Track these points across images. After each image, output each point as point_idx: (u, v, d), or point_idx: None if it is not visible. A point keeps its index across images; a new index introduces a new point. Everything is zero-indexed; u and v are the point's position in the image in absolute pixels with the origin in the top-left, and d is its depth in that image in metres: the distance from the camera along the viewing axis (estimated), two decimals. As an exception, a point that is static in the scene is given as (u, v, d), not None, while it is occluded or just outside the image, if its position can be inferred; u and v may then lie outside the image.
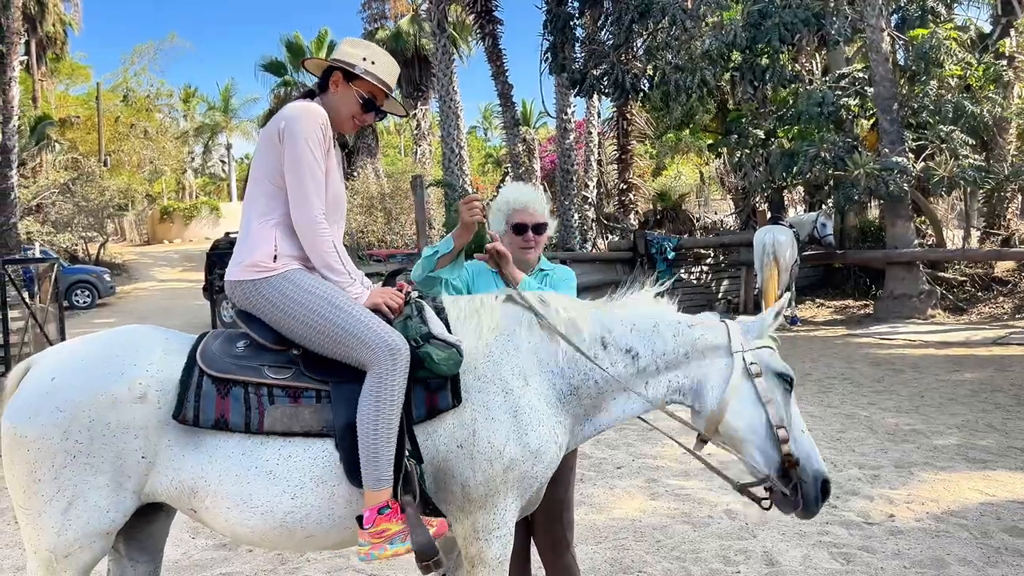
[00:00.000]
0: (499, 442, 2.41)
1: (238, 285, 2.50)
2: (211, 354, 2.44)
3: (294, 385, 2.42)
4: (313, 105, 2.56)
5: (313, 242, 2.47)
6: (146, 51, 42.56)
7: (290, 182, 2.48)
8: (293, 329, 2.44)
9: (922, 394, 7.95)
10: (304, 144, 2.46)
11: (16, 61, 22.31)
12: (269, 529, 2.38)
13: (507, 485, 2.44)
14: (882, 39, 13.81)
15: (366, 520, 2.31)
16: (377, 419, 2.30)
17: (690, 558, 4.19)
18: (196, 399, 2.34)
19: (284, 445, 2.38)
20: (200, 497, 2.36)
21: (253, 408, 2.37)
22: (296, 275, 2.47)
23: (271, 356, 2.47)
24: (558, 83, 18.76)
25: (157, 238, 40.55)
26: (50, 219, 28.51)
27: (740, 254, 16.00)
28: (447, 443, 2.43)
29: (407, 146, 44.61)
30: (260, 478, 2.35)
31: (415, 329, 2.44)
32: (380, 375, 2.33)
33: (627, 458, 6.11)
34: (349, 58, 2.63)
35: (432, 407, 2.42)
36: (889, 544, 4.27)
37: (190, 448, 2.35)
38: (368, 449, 2.31)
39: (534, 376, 2.52)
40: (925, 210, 15.47)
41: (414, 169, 27.59)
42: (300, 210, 2.46)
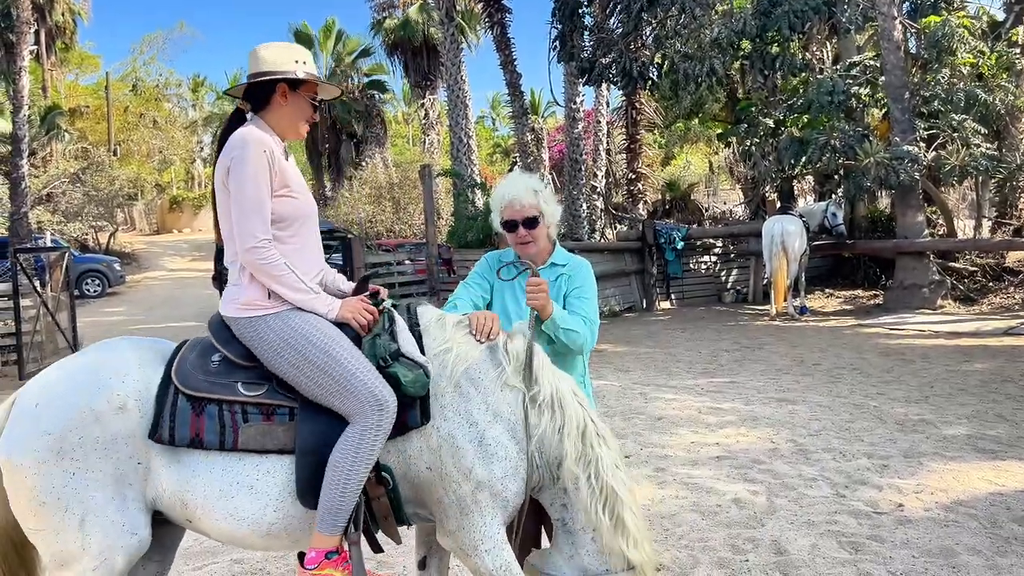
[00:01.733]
0: (466, 466, 2.43)
1: (233, 321, 2.50)
2: (185, 371, 2.45)
3: (267, 403, 2.43)
4: (253, 133, 2.47)
5: (262, 271, 2.43)
6: (155, 40, 42.56)
7: (235, 214, 2.44)
8: (283, 371, 2.43)
9: (932, 384, 7.92)
10: (249, 177, 2.41)
11: (26, 51, 22.33)
12: (258, 538, 2.43)
13: (479, 505, 2.45)
14: (894, 27, 13.70)
15: (309, 560, 2.34)
16: (351, 472, 2.31)
17: (698, 547, 4.20)
18: (171, 418, 2.37)
19: (262, 461, 2.41)
20: (191, 509, 2.40)
21: (227, 426, 2.39)
22: (294, 317, 2.46)
23: (244, 372, 2.48)
24: (567, 72, 18.70)
25: (166, 227, 40.70)
26: (60, 208, 28.61)
27: (749, 244, 15.96)
28: (417, 463, 2.46)
29: (415, 136, 44.56)
30: (242, 493, 2.38)
31: (384, 348, 2.43)
32: (364, 428, 2.33)
33: (635, 447, 6.12)
34: (283, 67, 2.55)
35: (402, 424, 2.42)
36: (898, 533, 4.27)
37: (173, 463, 2.39)
38: (333, 498, 2.32)
39: (503, 415, 2.50)
40: (936, 200, 15.37)
41: (422, 159, 27.58)
42: (241, 244, 2.43)
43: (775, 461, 5.61)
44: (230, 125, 2.59)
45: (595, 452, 2.51)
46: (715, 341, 11.31)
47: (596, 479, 2.49)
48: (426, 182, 13.13)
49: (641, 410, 7.33)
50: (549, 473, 2.57)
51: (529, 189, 2.96)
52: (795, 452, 5.81)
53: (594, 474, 2.49)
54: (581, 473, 2.49)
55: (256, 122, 2.57)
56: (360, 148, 32.67)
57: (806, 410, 7.07)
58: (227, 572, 4.12)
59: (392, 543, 2.65)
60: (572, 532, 2.59)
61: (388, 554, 4.26)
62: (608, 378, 8.91)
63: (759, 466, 5.51)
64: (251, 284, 2.48)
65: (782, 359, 9.72)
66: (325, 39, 34.06)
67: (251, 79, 2.56)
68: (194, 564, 4.25)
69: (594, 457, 2.51)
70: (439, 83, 31.09)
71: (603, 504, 2.46)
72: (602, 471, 2.49)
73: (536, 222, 2.95)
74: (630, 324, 13.79)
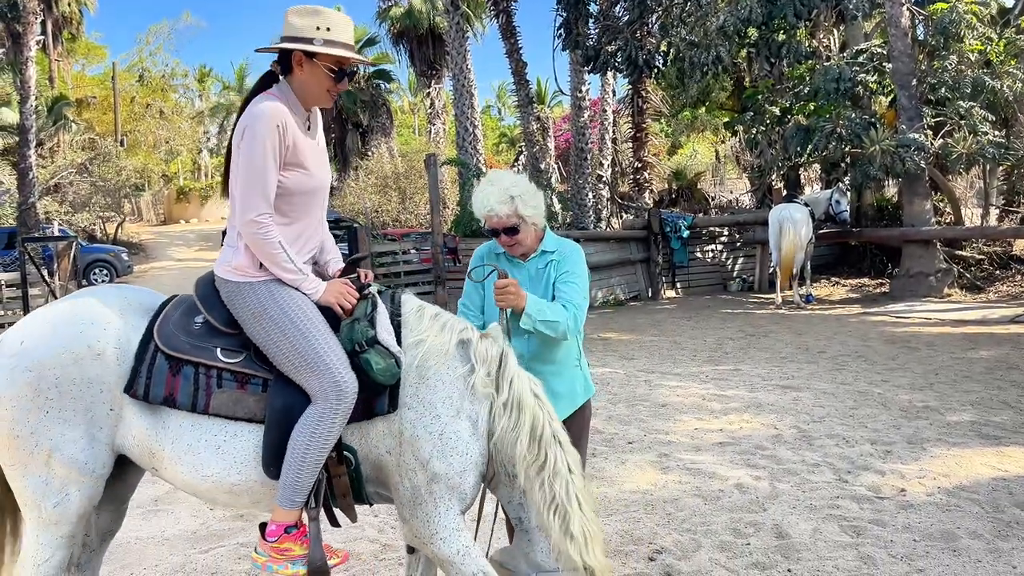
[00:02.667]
0: (423, 456, 2.47)
1: (223, 283, 2.56)
2: (168, 331, 2.50)
3: (243, 372, 2.49)
4: (271, 106, 2.46)
5: (257, 245, 2.47)
6: (161, 31, 42.55)
7: (237, 183, 2.47)
8: (259, 339, 2.49)
9: (937, 371, 7.92)
10: (258, 150, 2.42)
11: (33, 41, 22.37)
12: (220, 493, 2.52)
13: (433, 496, 2.49)
14: (901, 13, 13.61)
15: (270, 532, 2.40)
16: (307, 451, 2.36)
17: (701, 531, 4.23)
18: (148, 375, 2.44)
19: (229, 424, 2.48)
20: (158, 459, 2.49)
21: (201, 389, 2.45)
22: (277, 289, 2.50)
23: (225, 339, 2.53)
24: (572, 60, 18.63)
25: (173, 218, 40.80)
26: (68, 199, 28.72)
27: (755, 233, 15.92)
28: (378, 447, 2.51)
29: (421, 125, 44.51)
30: (209, 451, 2.46)
31: (361, 333, 2.45)
32: (323, 410, 2.38)
33: (639, 433, 6.14)
34: (304, 33, 2.50)
35: (369, 408, 2.47)
36: (900, 518, 4.29)
37: (146, 412, 2.48)
38: (291, 474, 2.37)
39: (465, 411, 2.53)
40: (943, 188, 15.30)
41: (428, 148, 27.55)
42: (241, 215, 2.46)
43: (778, 447, 5.63)
44: (261, 84, 2.61)
45: (548, 455, 2.51)
46: (720, 329, 11.31)
47: (547, 482, 2.49)
48: (432, 171, 13.12)
49: (645, 397, 7.35)
50: (505, 471, 2.61)
51: (504, 198, 2.91)
52: (798, 438, 5.83)
53: (547, 477, 2.50)
54: (534, 475, 2.50)
55: (283, 88, 2.58)
56: (366, 138, 32.65)
57: (810, 397, 7.08)
58: (233, 555, 4.16)
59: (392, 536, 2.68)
60: (528, 530, 2.66)
61: (392, 538, 4.32)
62: (613, 366, 8.93)
63: (762, 452, 5.53)
64: (246, 250, 2.52)
65: (787, 347, 9.72)
66: (331, 28, 33.95)
67: (274, 44, 2.57)
68: (201, 547, 4.29)
69: (548, 460, 2.51)
70: (445, 72, 31.03)
71: (553, 508, 2.47)
72: (553, 475, 2.49)
73: (516, 229, 2.96)
74: (635, 313, 13.80)
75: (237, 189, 2.47)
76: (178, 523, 4.68)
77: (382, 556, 4.09)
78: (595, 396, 3.24)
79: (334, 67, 2.55)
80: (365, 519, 4.52)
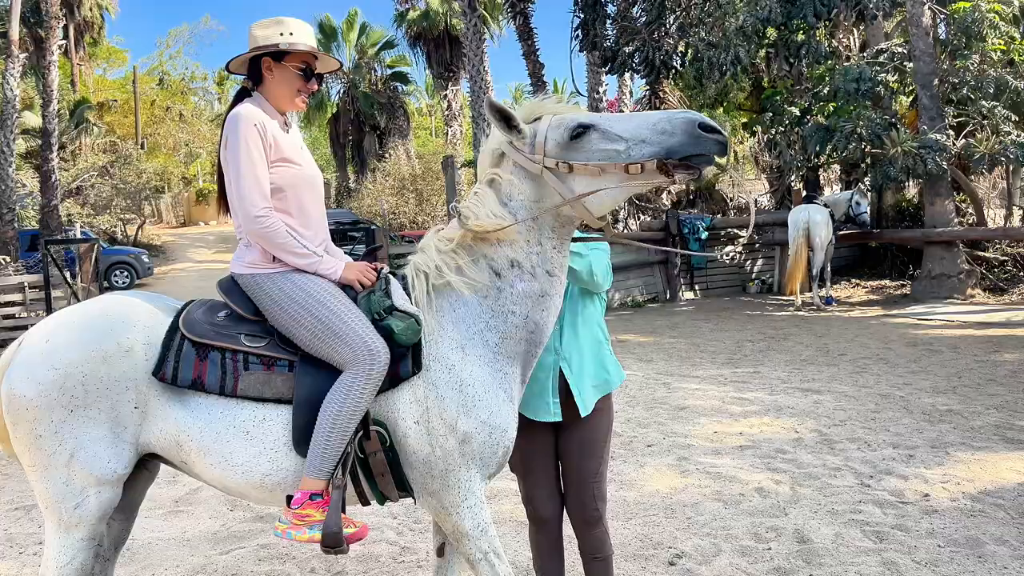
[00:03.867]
0: (450, 418, 2.47)
1: (240, 278, 2.62)
2: (193, 320, 2.56)
3: (268, 354, 2.52)
4: (245, 109, 2.58)
5: (266, 240, 2.54)
6: (181, 34, 42.99)
7: (232, 188, 2.56)
8: (284, 324, 2.53)
9: (960, 374, 7.82)
10: (243, 150, 2.52)
11: (55, 45, 22.62)
12: (251, 488, 2.51)
13: (466, 458, 2.49)
14: (923, 12, 13.48)
15: (295, 500, 2.41)
16: (337, 418, 2.38)
17: (721, 535, 4.20)
18: (176, 359, 2.47)
19: (258, 408, 2.49)
20: (186, 451, 2.49)
21: (228, 372, 2.48)
22: (296, 275, 2.57)
23: (248, 325, 2.59)
24: (589, 61, 18.60)
25: (193, 220, 41.13)
26: (90, 201, 29.05)
27: (774, 234, 15.82)
28: (405, 418, 2.49)
29: (438, 127, 44.61)
30: (238, 438, 2.47)
31: (378, 303, 2.51)
32: (355, 375, 2.40)
33: (658, 436, 6.11)
34: (269, 40, 2.65)
35: (395, 376, 2.48)
36: (923, 523, 4.24)
37: (175, 402, 2.48)
38: (320, 442, 2.39)
39: (468, 343, 2.55)
40: (965, 188, 15.13)
41: (445, 150, 27.63)
42: (243, 218, 2.54)
43: (799, 451, 5.59)
44: (234, 102, 2.70)
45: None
46: (739, 331, 11.24)
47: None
48: (448, 173, 13.15)
49: (664, 400, 7.31)
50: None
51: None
52: (819, 442, 5.78)
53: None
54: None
55: (256, 98, 2.69)
56: (383, 140, 32.78)
57: (831, 400, 7.02)
58: (253, 556, 4.18)
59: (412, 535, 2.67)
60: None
61: (410, 540, 4.32)
62: (631, 368, 8.90)
63: (783, 455, 5.49)
64: (256, 247, 2.60)
65: (807, 349, 9.64)
66: (348, 31, 34.17)
67: (244, 55, 2.70)
68: (221, 548, 4.32)
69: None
70: (461, 74, 31.13)
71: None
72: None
73: None
74: (654, 315, 13.74)
75: (234, 194, 2.56)
76: (198, 524, 4.71)
77: (401, 559, 4.09)
78: (613, 398, 3.22)
79: (301, 66, 2.68)
80: (384, 521, 4.52)
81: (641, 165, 2.39)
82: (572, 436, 3.02)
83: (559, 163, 2.47)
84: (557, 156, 2.48)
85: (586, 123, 2.47)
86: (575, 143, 2.46)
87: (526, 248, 2.57)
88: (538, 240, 2.58)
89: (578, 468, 3.02)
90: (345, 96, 33.29)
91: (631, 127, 2.44)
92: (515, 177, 2.56)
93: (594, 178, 2.46)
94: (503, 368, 2.58)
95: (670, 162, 2.38)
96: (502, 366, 2.58)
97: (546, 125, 2.51)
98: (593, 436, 3.03)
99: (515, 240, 2.56)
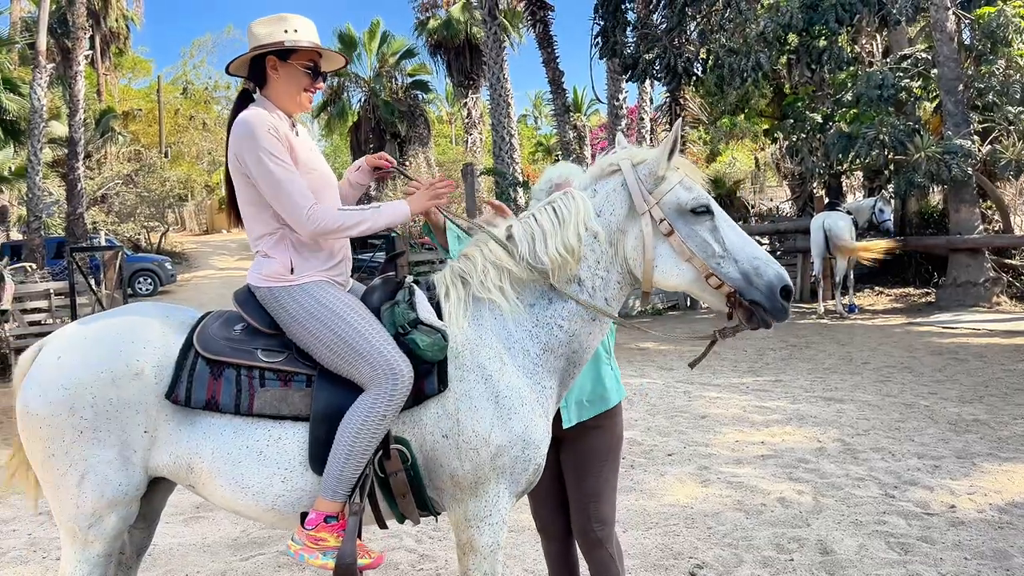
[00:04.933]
0: (484, 431, 2.39)
1: (257, 291, 2.54)
2: (207, 336, 2.47)
3: (285, 369, 2.44)
4: (252, 115, 2.46)
5: (324, 233, 2.45)
6: (204, 44, 43.55)
7: (272, 199, 2.44)
8: (303, 340, 2.45)
9: (986, 384, 7.70)
10: (265, 157, 2.41)
11: (82, 56, 22.93)
12: (262, 511, 2.43)
13: (496, 472, 2.42)
14: (947, 17, 13.34)
15: (309, 521, 2.34)
16: (356, 441, 2.30)
17: (742, 545, 4.15)
18: (189, 380, 2.39)
19: (274, 427, 2.41)
20: (196, 474, 2.42)
21: (244, 390, 2.40)
22: (316, 288, 2.48)
23: (265, 339, 2.50)
24: (609, 69, 18.60)
25: (215, 227, 41.47)
26: (114, 209, 29.42)
27: (796, 241, 15.69)
28: (433, 432, 2.41)
29: (458, 135, 44.74)
30: (251, 459, 2.38)
31: (402, 315, 2.42)
32: (376, 397, 2.32)
33: (679, 445, 6.06)
34: (273, 38, 2.52)
35: (419, 392, 2.40)
36: (949, 535, 4.17)
37: (186, 425, 2.41)
38: (337, 465, 2.31)
39: (507, 352, 2.48)
40: (991, 195, 14.93)
41: (465, 158, 27.70)
42: (296, 223, 2.44)
43: (822, 460, 5.52)
44: (237, 106, 2.60)
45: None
46: (761, 339, 11.14)
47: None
48: (469, 181, 13.17)
49: (685, 408, 7.26)
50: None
51: (576, 170, 2.95)
52: (842, 451, 5.71)
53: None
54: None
55: (260, 101, 2.58)
56: (404, 148, 32.88)
57: (854, 409, 6.93)
58: (273, 563, 4.19)
59: (432, 531, 2.65)
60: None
61: (429, 548, 4.31)
62: (651, 376, 8.85)
63: (805, 465, 5.42)
64: (274, 257, 2.51)
65: (829, 358, 9.54)
66: (370, 40, 34.34)
67: (245, 55, 2.58)
68: (241, 555, 4.33)
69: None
70: (482, 82, 31.20)
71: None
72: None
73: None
74: (674, 322, 13.67)
75: (279, 207, 2.45)
76: (219, 530, 4.73)
77: (420, 566, 4.08)
78: (634, 407, 3.17)
79: (308, 64, 2.57)
80: (403, 528, 4.52)
81: (721, 282, 2.43)
82: (568, 454, 2.93)
83: (664, 220, 2.46)
84: (668, 214, 2.47)
85: (712, 210, 2.48)
86: (690, 216, 2.47)
87: (593, 269, 2.53)
88: (607, 267, 2.54)
89: (575, 487, 2.92)
90: (366, 104, 33.47)
91: (735, 242, 2.47)
92: (618, 197, 2.53)
93: (678, 256, 2.47)
94: (542, 381, 2.52)
95: (739, 298, 2.43)
96: (541, 379, 2.52)
97: (677, 180, 2.49)
98: (590, 454, 2.90)
99: (586, 257, 2.52)
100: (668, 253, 2.48)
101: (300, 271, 2.50)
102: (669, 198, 2.48)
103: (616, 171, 2.56)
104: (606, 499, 2.92)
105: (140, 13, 38.62)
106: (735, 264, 2.43)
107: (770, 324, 2.46)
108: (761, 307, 2.42)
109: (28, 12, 28.46)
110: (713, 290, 2.45)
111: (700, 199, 2.48)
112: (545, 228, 2.52)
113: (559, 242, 2.48)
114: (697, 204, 2.46)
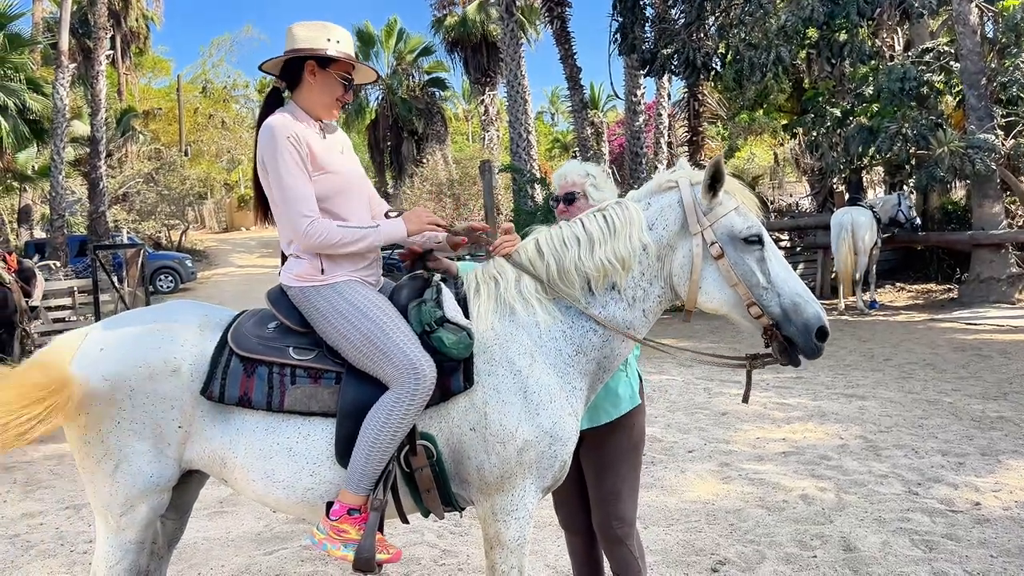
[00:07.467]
0: (511, 424, 2.42)
1: (289, 290, 2.60)
2: (241, 334, 2.54)
3: (315, 366, 2.50)
4: (278, 120, 2.51)
5: (322, 247, 2.50)
6: (223, 44, 43.83)
7: (279, 211, 2.54)
8: (332, 338, 2.50)
9: (1011, 380, 7.62)
10: (282, 167, 2.47)
11: (103, 56, 23.19)
12: (292, 503, 2.50)
13: (523, 467, 2.44)
14: (969, 10, 13.17)
15: (333, 511, 2.39)
16: (378, 437, 2.35)
17: (765, 542, 4.13)
18: (223, 377, 2.46)
19: (303, 424, 2.47)
20: (229, 468, 2.50)
21: (275, 387, 2.46)
22: (346, 287, 2.53)
23: (296, 337, 2.56)
24: (627, 64, 18.52)
25: (235, 225, 41.83)
26: (135, 207, 29.70)
27: (817, 237, 15.58)
28: (460, 426, 2.45)
29: (475, 132, 44.77)
30: (281, 454, 2.45)
31: (429, 314, 2.45)
32: (399, 395, 2.36)
33: (699, 442, 6.05)
34: (315, 44, 2.57)
35: (445, 390, 2.43)
36: (975, 532, 4.13)
37: (219, 421, 2.48)
38: (360, 460, 2.36)
39: (539, 350, 2.50)
40: (1015, 189, 14.74)
41: (482, 155, 27.68)
42: (295, 233, 2.51)
43: (844, 457, 5.48)
44: (267, 106, 2.65)
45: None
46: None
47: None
48: (486, 178, 13.18)
49: (705, 405, 7.23)
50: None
51: (581, 171, 2.99)
52: (865, 448, 5.67)
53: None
54: None
55: (290, 105, 2.62)
56: (421, 145, 32.97)
57: (876, 406, 6.88)
58: (297, 557, 4.22)
59: (448, 530, 2.67)
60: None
61: (451, 543, 4.33)
62: (671, 373, 8.82)
63: (827, 462, 5.39)
64: (305, 258, 2.56)
65: (851, 354, 9.47)
66: (387, 38, 34.45)
67: (284, 56, 2.63)
68: (265, 549, 4.37)
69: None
70: (499, 79, 31.17)
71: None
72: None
73: (573, 198, 2.96)
74: (694, 318, 13.53)
75: (282, 215, 2.53)
76: (242, 524, 4.77)
77: (442, 561, 4.10)
78: (654, 403, 3.16)
79: (346, 75, 2.64)
80: (425, 524, 4.53)
81: (761, 312, 2.48)
82: (587, 452, 2.93)
83: (716, 243, 2.50)
84: (720, 238, 2.51)
85: (763, 240, 2.52)
86: (741, 244, 2.50)
87: (637, 280, 2.56)
88: (650, 279, 2.58)
89: (595, 486, 2.93)
90: (383, 102, 33.60)
91: (780, 275, 2.51)
92: (672, 213, 2.55)
93: (724, 280, 2.52)
94: (573, 381, 2.54)
95: (776, 331, 2.47)
96: (572, 379, 2.54)
97: (732, 206, 2.53)
98: (609, 454, 2.91)
99: (631, 267, 2.54)
100: (714, 276, 2.53)
101: (331, 272, 2.54)
102: (724, 222, 2.52)
103: (673, 187, 2.59)
104: (626, 497, 2.92)
105: (160, 13, 38.88)
106: (777, 298, 2.49)
107: (799, 363, 2.52)
108: (795, 345, 2.48)
109: (50, 13, 28.73)
110: (752, 319, 2.51)
111: (754, 228, 2.52)
112: (593, 235, 2.54)
113: (609, 250, 2.51)
114: (750, 233, 2.51)
